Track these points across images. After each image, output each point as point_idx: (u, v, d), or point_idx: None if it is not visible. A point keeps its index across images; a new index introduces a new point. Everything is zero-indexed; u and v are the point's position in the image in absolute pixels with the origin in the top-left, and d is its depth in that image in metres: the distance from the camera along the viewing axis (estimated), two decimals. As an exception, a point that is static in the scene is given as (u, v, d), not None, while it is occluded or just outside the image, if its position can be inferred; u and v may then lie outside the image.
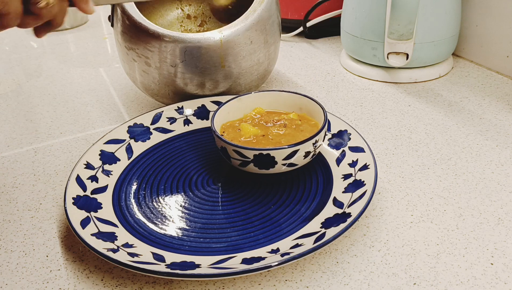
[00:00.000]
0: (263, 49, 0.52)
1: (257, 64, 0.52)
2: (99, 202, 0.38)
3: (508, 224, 0.36)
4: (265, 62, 0.54)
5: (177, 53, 0.48)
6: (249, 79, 0.53)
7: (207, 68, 0.49)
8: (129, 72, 0.53)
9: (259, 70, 0.53)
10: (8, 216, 0.40)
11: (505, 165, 0.43)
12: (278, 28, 0.55)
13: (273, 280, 0.32)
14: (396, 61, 0.59)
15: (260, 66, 0.53)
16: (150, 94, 0.54)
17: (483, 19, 0.62)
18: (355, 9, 0.61)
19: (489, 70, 0.63)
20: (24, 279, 0.33)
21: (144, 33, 0.48)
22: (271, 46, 0.53)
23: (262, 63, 0.53)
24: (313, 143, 0.38)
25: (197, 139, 0.48)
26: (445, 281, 0.31)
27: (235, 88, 0.53)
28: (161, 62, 0.49)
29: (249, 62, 0.51)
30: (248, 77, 0.52)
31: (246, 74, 0.52)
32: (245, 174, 0.42)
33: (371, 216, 0.38)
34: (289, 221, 0.36)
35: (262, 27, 0.51)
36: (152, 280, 0.33)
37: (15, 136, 0.53)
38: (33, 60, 0.77)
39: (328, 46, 0.76)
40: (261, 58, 0.52)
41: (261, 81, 0.56)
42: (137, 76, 0.52)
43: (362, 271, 0.33)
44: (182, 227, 0.36)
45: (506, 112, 0.52)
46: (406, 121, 0.51)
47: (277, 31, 0.55)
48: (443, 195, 0.40)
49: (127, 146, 0.45)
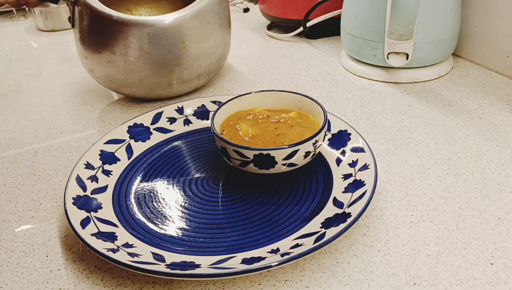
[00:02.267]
0: (218, 31, 0.57)
1: (215, 46, 0.57)
2: (99, 202, 0.38)
3: (508, 224, 0.36)
4: (221, 45, 0.58)
5: (141, 36, 0.51)
6: (209, 61, 0.57)
7: (170, 49, 0.53)
8: (92, 67, 0.55)
9: (217, 53, 0.58)
10: (8, 216, 0.40)
11: (505, 165, 0.43)
12: (228, 14, 0.60)
13: (273, 280, 0.32)
14: (396, 61, 0.59)
15: (217, 49, 0.57)
16: (115, 86, 0.56)
17: (483, 19, 0.62)
18: (355, 9, 0.61)
19: (489, 70, 0.63)
20: (24, 279, 0.33)
21: (109, 21, 0.51)
22: (224, 30, 0.58)
23: (219, 46, 0.58)
24: (313, 143, 0.38)
25: (197, 139, 0.48)
26: (445, 281, 0.31)
27: (197, 71, 0.56)
28: (126, 48, 0.52)
29: (207, 43, 0.55)
30: (207, 59, 0.56)
31: (206, 55, 0.56)
32: (245, 174, 0.42)
33: (371, 216, 0.38)
34: (289, 221, 0.36)
35: (216, 10, 0.56)
36: (152, 280, 0.33)
37: (15, 136, 0.53)
38: (33, 60, 0.77)
39: (328, 46, 0.76)
40: (217, 40, 0.57)
41: (219, 65, 0.60)
42: (102, 69, 0.54)
43: (362, 271, 0.33)
44: (182, 227, 0.36)
45: (506, 112, 0.52)
46: (406, 121, 0.51)
47: (228, 16, 0.59)
48: (443, 195, 0.40)
49: (127, 146, 0.45)
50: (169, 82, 0.55)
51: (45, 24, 0.92)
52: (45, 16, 0.91)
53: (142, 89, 0.55)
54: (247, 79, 0.64)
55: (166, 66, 0.53)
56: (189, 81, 0.57)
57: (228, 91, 0.61)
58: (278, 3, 0.78)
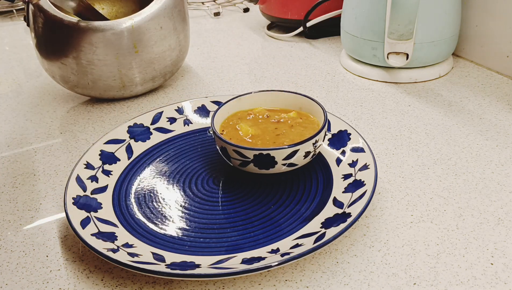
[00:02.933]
0: (173, 36, 0.57)
1: (169, 50, 0.57)
2: (99, 202, 0.38)
3: (508, 224, 0.36)
4: (177, 48, 0.58)
5: (93, 40, 0.52)
6: (163, 64, 0.57)
7: (122, 54, 0.53)
8: (47, 67, 0.56)
9: (172, 56, 0.58)
10: (8, 216, 0.40)
11: (505, 165, 0.43)
12: (185, 17, 0.60)
13: (273, 280, 0.32)
14: (396, 61, 0.59)
15: (172, 52, 0.58)
16: (70, 86, 0.56)
17: (483, 19, 0.62)
18: (355, 9, 0.61)
19: (489, 70, 0.63)
20: (24, 279, 0.33)
21: (60, 25, 0.52)
22: (180, 34, 0.58)
23: (174, 49, 0.58)
24: (313, 143, 0.38)
25: (197, 139, 0.48)
26: (445, 281, 0.31)
27: (151, 74, 0.57)
28: (78, 52, 0.52)
29: (161, 47, 0.56)
30: (161, 62, 0.57)
31: (160, 59, 0.56)
32: (245, 174, 0.42)
33: (371, 216, 0.38)
34: (289, 221, 0.36)
35: (170, 14, 0.56)
36: (152, 280, 0.33)
37: (15, 136, 0.53)
38: (33, 60, 0.77)
39: (328, 46, 0.76)
40: (172, 44, 0.57)
41: (175, 67, 0.60)
42: (56, 70, 0.55)
43: (362, 271, 0.33)
44: (182, 227, 0.36)
45: (506, 112, 0.52)
46: (406, 121, 0.51)
47: (184, 19, 0.60)
48: (443, 195, 0.40)
49: (127, 146, 0.45)
50: (123, 85, 0.56)
51: (45, 24, 0.92)
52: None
53: (96, 90, 0.56)
54: (247, 79, 0.64)
55: (118, 70, 0.54)
56: (144, 83, 0.57)
57: (228, 92, 0.61)
58: (278, 3, 0.78)
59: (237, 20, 0.93)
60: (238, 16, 0.96)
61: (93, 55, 0.52)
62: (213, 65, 0.70)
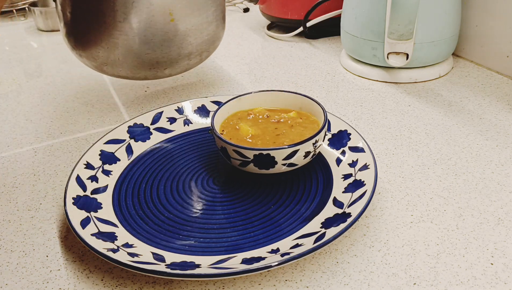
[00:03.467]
0: (210, 6, 0.52)
1: (206, 23, 0.53)
2: (99, 202, 0.38)
3: (508, 224, 0.36)
4: (213, 22, 0.54)
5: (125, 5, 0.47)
6: (200, 39, 0.53)
7: (156, 22, 0.49)
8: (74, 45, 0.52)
9: (209, 30, 0.54)
10: (8, 216, 0.40)
11: (505, 165, 0.43)
12: None
13: (273, 280, 0.32)
14: (396, 61, 0.59)
15: (209, 26, 0.53)
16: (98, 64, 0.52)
17: (483, 19, 0.62)
18: (355, 9, 0.61)
19: (489, 70, 0.63)
20: (24, 279, 0.33)
21: None
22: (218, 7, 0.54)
23: (211, 22, 0.53)
24: (313, 143, 0.38)
25: (197, 139, 0.48)
26: (445, 281, 0.31)
27: (187, 49, 0.52)
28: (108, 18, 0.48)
29: (197, 18, 0.51)
30: (198, 36, 0.52)
31: (196, 31, 0.52)
32: (245, 174, 0.42)
33: (371, 216, 0.38)
34: (289, 221, 0.36)
35: None
36: (152, 280, 0.33)
37: (15, 136, 0.53)
38: (33, 60, 0.77)
39: (328, 46, 0.76)
40: (209, 16, 0.53)
41: (212, 45, 0.56)
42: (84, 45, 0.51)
43: (362, 271, 0.33)
44: (182, 227, 0.36)
45: (506, 112, 0.52)
46: (406, 121, 0.51)
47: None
48: (443, 195, 0.40)
49: (127, 146, 0.45)
50: (156, 60, 0.51)
51: (45, 24, 0.92)
52: (45, 16, 0.91)
53: (126, 67, 0.52)
54: (247, 79, 0.64)
55: (151, 43, 0.50)
56: (179, 60, 0.53)
57: (228, 92, 0.61)
58: (278, 3, 0.78)
59: (237, 20, 0.93)
60: (238, 16, 0.96)
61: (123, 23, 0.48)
62: (213, 65, 0.70)
